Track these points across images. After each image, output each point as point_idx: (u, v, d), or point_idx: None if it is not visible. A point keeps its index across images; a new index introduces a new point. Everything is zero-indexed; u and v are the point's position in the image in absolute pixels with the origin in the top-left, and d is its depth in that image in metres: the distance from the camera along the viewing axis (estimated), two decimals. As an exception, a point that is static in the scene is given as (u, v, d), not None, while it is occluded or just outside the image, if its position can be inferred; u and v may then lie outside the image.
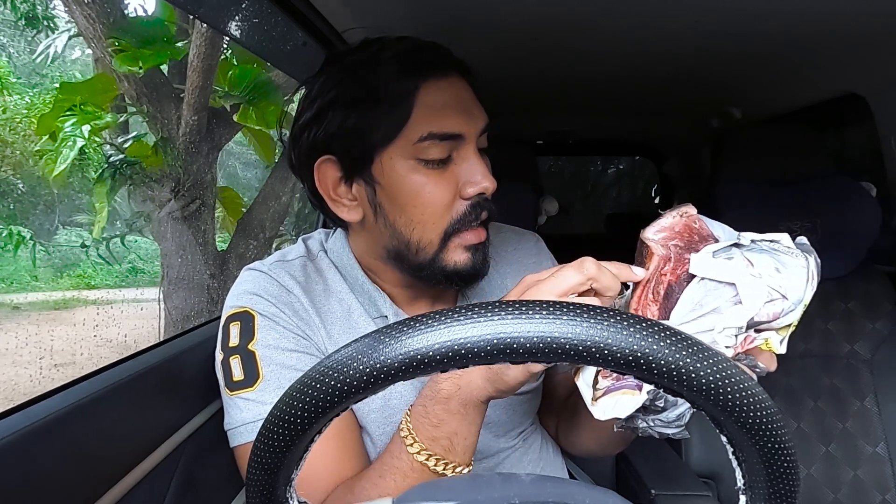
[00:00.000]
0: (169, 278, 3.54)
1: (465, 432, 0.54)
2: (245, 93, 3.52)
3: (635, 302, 0.50)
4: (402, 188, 0.64)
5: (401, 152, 0.64)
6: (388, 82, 0.63)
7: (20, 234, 4.56)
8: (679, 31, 1.07)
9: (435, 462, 0.53)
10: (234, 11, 1.02)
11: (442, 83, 0.65)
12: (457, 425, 0.53)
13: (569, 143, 2.80)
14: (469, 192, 0.65)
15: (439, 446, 0.54)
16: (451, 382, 0.54)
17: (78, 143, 3.35)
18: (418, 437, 0.54)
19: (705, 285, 0.47)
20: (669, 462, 1.04)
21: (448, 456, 0.54)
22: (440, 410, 0.54)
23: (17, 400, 0.55)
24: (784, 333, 0.47)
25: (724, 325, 0.45)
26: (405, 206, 0.65)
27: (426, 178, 0.64)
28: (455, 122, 0.64)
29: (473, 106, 0.67)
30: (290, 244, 0.79)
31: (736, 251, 0.48)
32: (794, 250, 0.48)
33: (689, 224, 0.52)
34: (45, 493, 0.52)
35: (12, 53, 6.31)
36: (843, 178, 1.24)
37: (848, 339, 1.20)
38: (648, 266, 0.50)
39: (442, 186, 0.64)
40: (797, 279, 0.46)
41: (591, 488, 0.38)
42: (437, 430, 0.53)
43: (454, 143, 0.64)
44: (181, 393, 0.76)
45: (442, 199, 0.64)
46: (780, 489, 0.33)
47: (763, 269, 0.46)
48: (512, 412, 0.76)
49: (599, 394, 0.48)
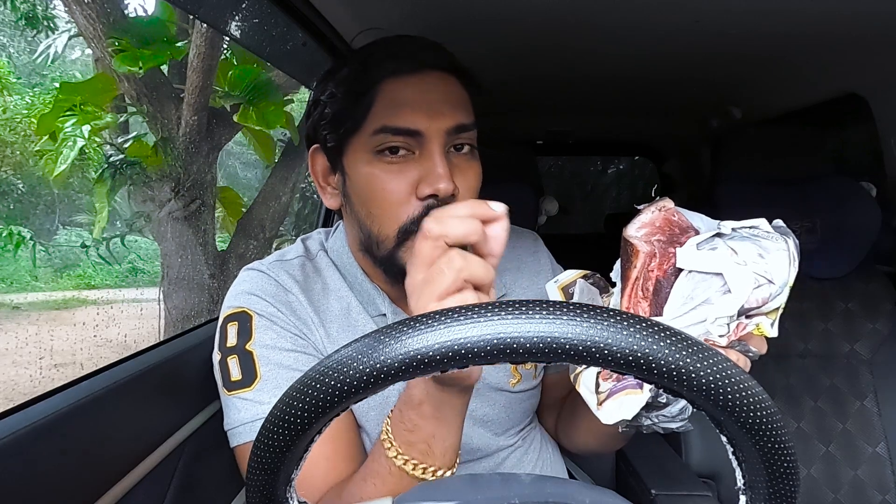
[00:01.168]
0: (169, 278, 3.54)
1: (443, 435, 0.53)
2: (245, 93, 3.52)
3: (626, 300, 0.50)
4: (361, 180, 0.65)
5: (362, 145, 0.65)
6: (356, 77, 0.65)
7: (20, 235, 4.56)
8: (679, 31, 1.07)
9: (413, 467, 0.52)
10: (234, 11, 1.02)
11: (410, 79, 0.64)
12: (432, 429, 0.52)
13: (569, 143, 2.80)
14: (423, 191, 0.63)
15: (416, 451, 0.52)
16: (420, 388, 0.52)
17: (78, 143, 3.35)
18: (395, 442, 0.53)
19: (693, 278, 0.48)
20: (669, 462, 1.04)
21: (427, 460, 0.52)
22: (414, 416, 0.52)
23: (16, 400, 0.55)
24: (773, 317, 0.48)
25: (716, 314, 0.46)
26: (362, 198, 0.66)
27: (381, 172, 0.64)
28: (411, 118, 0.62)
29: (444, 104, 0.64)
30: (290, 244, 0.79)
31: (719, 241, 0.49)
32: (773, 234, 0.49)
33: (668, 217, 0.52)
34: (45, 493, 0.52)
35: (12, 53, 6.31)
36: (843, 178, 1.24)
37: (848, 339, 1.20)
38: (636, 264, 0.50)
39: (396, 182, 0.63)
40: (780, 262, 0.47)
41: (591, 488, 0.38)
42: (413, 436, 0.52)
43: (413, 139, 0.63)
44: (181, 393, 0.76)
45: (394, 195, 0.63)
46: (780, 489, 0.33)
47: (747, 256, 0.47)
48: (511, 411, 0.76)
49: (603, 397, 0.48)
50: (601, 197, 6.84)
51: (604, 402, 0.48)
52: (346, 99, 0.65)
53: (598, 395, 0.48)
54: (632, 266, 0.51)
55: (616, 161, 6.71)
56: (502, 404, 0.76)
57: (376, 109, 0.64)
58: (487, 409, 0.75)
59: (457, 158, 0.66)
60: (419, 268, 0.47)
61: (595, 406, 0.48)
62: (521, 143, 2.29)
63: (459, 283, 0.45)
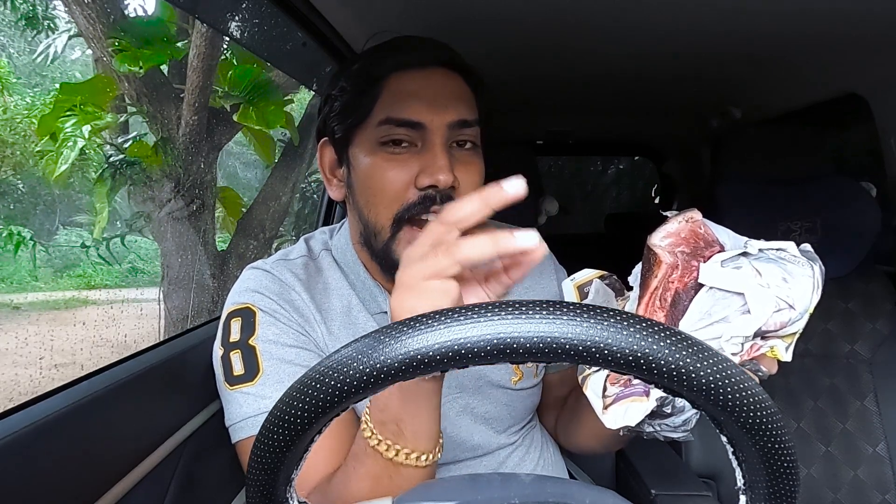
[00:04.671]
0: (169, 278, 3.54)
1: (411, 416, 0.52)
2: (245, 93, 3.52)
3: (642, 308, 0.50)
4: (363, 169, 0.67)
5: (367, 136, 0.67)
6: (365, 69, 0.68)
7: (20, 235, 4.56)
8: (679, 31, 1.07)
9: (386, 447, 0.52)
10: (234, 11, 1.02)
11: (415, 74, 0.67)
12: (398, 410, 0.51)
13: (569, 143, 2.80)
14: (422, 181, 0.64)
15: (388, 431, 0.52)
16: None
17: (78, 143, 3.35)
18: (370, 423, 0.53)
19: (714, 294, 0.47)
20: (669, 462, 1.04)
21: (399, 441, 0.52)
22: (383, 395, 0.52)
23: (17, 400, 0.55)
24: (790, 340, 0.47)
25: (731, 333, 0.45)
26: (365, 187, 0.67)
27: (384, 162, 0.66)
28: (415, 111, 0.65)
29: (447, 99, 0.66)
30: (290, 244, 0.80)
31: (744, 260, 0.48)
32: (800, 259, 0.48)
33: (695, 230, 0.52)
34: (45, 493, 0.52)
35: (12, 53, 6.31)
36: (843, 178, 1.23)
37: (848, 339, 1.20)
38: (657, 273, 0.50)
39: (397, 171, 0.65)
40: (804, 288, 0.46)
41: (591, 488, 0.38)
42: (383, 415, 0.52)
43: (415, 131, 0.65)
44: (181, 393, 0.76)
45: (394, 184, 0.65)
46: (780, 489, 0.33)
47: (771, 279, 0.46)
48: (511, 408, 0.77)
49: (609, 401, 0.48)
50: (601, 197, 6.83)
51: (609, 406, 0.48)
52: (355, 91, 0.68)
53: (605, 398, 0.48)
54: (653, 275, 0.50)
55: (616, 161, 6.71)
56: (503, 402, 0.76)
57: (382, 101, 0.66)
58: (489, 407, 0.75)
59: (459, 153, 0.67)
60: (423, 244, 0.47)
61: (600, 410, 0.48)
62: (521, 142, 2.29)
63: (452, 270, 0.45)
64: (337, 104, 0.69)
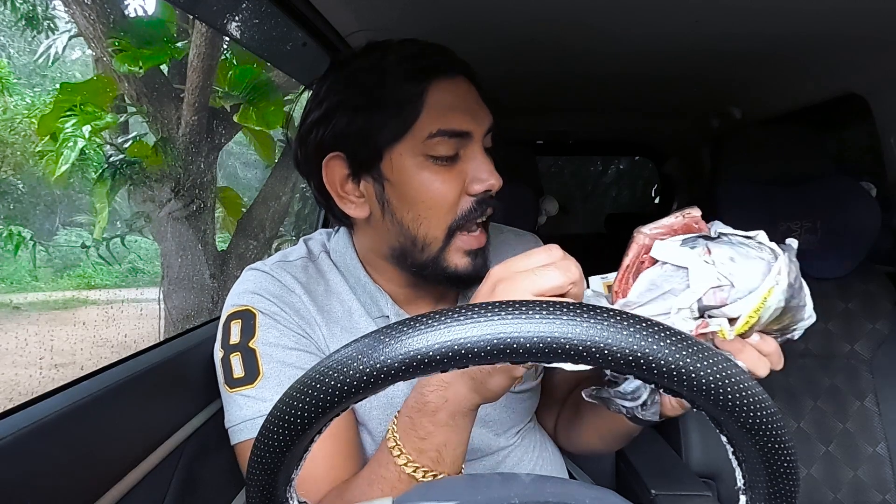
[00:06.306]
0: (169, 278, 3.54)
1: (455, 442, 0.53)
2: (245, 93, 3.53)
3: (617, 284, 0.52)
4: (412, 184, 0.66)
5: (410, 150, 0.65)
6: (395, 86, 0.65)
7: (20, 235, 4.56)
8: (679, 30, 1.07)
9: (423, 474, 0.52)
10: (234, 12, 1.02)
11: (448, 84, 0.67)
12: (446, 437, 0.52)
13: (569, 143, 2.80)
14: (476, 188, 0.66)
15: (427, 458, 0.52)
16: (438, 395, 0.52)
17: (78, 143, 3.35)
18: (405, 449, 0.53)
19: (664, 269, 0.50)
20: (669, 462, 1.04)
21: (437, 467, 0.52)
22: (428, 423, 0.52)
23: (17, 400, 0.55)
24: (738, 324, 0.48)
25: (677, 306, 0.48)
26: (413, 201, 0.66)
27: (434, 175, 0.65)
28: (463, 121, 0.66)
29: (479, 106, 0.69)
30: (290, 244, 0.79)
31: (701, 241, 0.50)
32: (763, 246, 0.50)
33: (689, 224, 0.52)
34: (45, 493, 0.52)
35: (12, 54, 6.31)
36: (843, 178, 1.23)
37: (848, 339, 1.20)
38: (629, 252, 0.52)
39: (449, 183, 0.66)
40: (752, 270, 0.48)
41: (591, 488, 0.38)
42: (425, 443, 0.52)
43: (462, 140, 0.66)
44: (181, 393, 0.76)
45: (449, 195, 0.66)
46: (780, 489, 0.33)
47: (718, 257, 0.48)
48: (511, 411, 0.77)
49: None
50: (601, 197, 6.84)
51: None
52: (380, 111, 0.65)
53: None
54: (626, 254, 0.53)
55: (616, 161, 6.71)
56: (503, 404, 0.76)
57: (426, 116, 0.65)
58: (488, 409, 0.75)
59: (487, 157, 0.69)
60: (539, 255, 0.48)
61: None
62: (521, 142, 2.29)
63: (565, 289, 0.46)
64: (356, 124, 0.65)
